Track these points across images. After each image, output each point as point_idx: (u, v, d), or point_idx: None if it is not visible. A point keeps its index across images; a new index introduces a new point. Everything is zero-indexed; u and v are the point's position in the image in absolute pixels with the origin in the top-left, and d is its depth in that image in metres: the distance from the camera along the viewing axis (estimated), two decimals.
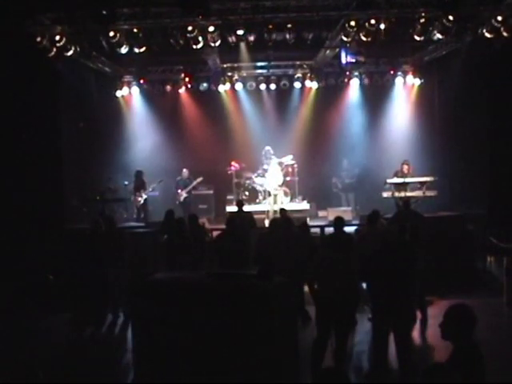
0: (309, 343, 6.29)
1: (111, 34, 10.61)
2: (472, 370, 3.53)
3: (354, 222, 12.34)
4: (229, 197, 14.47)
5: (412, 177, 12.46)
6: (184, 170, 14.22)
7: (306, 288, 7.28)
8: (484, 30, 10.77)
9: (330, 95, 15.33)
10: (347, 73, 14.44)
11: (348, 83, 14.87)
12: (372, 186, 13.58)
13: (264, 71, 15.14)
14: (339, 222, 8.40)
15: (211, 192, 14.84)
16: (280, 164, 14.01)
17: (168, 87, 15.12)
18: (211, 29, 10.66)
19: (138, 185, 13.43)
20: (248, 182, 14.42)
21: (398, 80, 14.82)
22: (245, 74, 15.21)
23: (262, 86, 15.29)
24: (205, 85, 15.05)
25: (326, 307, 6.12)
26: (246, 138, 15.13)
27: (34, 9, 10.28)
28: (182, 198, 13.90)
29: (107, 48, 11.24)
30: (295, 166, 14.38)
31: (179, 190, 13.95)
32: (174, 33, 10.93)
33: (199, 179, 14.11)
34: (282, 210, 10.51)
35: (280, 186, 13.66)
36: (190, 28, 10.58)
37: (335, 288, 6.01)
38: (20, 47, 10.41)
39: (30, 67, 10.69)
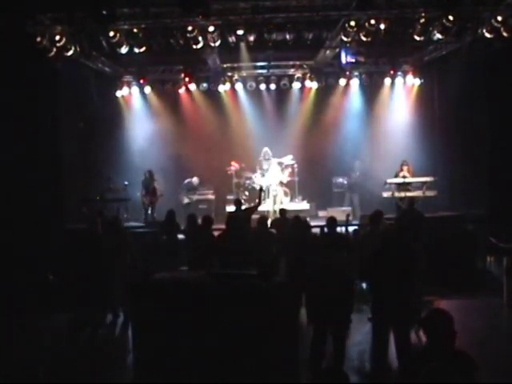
0: (309, 343, 6.29)
1: (111, 33, 10.61)
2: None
3: (353, 222, 12.34)
4: (229, 197, 14.47)
5: (413, 176, 12.47)
6: (195, 178, 14.42)
7: None
8: (484, 30, 10.78)
9: (330, 95, 15.33)
10: (347, 73, 14.44)
11: (348, 83, 14.86)
12: (372, 186, 13.58)
13: (264, 71, 15.13)
14: (331, 223, 8.41)
15: (211, 192, 14.84)
16: (280, 164, 14.02)
17: (168, 87, 15.13)
18: (211, 29, 10.66)
19: (146, 184, 13.42)
20: (248, 182, 14.43)
21: (398, 80, 14.81)
22: (245, 74, 15.21)
23: (262, 86, 15.28)
24: (205, 85, 15.05)
25: (322, 308, 6.12)
26: (246, 137, 15.12)
27: (34, 9, 10.28)
28: (184, 202, 13.94)
29: (107, 48, 11.25)
30: (295, 165, 14.41)
31: (182, 194, 14.02)
32: (174, 33, 10.94)
33: (209, 192, 14.38)
34: (282, 210, 10.52)
35: (281, 184, 13.68)
36: (190, 28, 10.58)
37: (331, 288, 6.01)
38: (20, 47, 10.41)
39: (30, 67, 10.69)
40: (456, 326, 3.70)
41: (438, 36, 10.96)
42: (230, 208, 13.34)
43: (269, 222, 9.68)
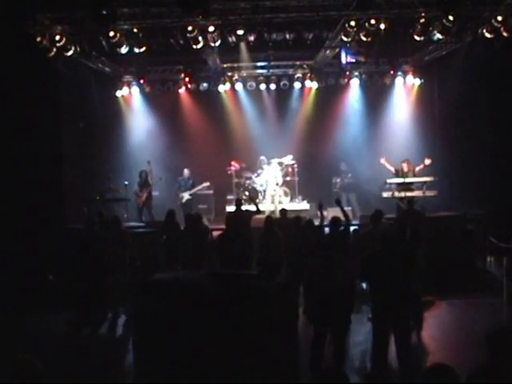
0: (309, 343, 6.29)
1: (111, 33, 10.60)
2: None
3: (353, 222, 12.32)
4: (229, 197, 14.48)
5: (414, 175, 12.46)
6: (185, 170, 14.26)
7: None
8: (484, 30, 10.78)
9: (330, 95, 15.33)
10: (347, 73, 14.44)
11: (348, 83, 14.86)
12: (372, 186, 13.58)
13: (264, 71, 15.13)
14: (335, 222, 8.41)
15: (211, 192, 14.84)
16: (280, 164, 14.04)
17: (168, 87, 15.14)
18: (211, 29, 10.66)
19: (141, 185, 13.39)
20: (248, 182, 14.44)
21: (398, 80, 14.80)
22: (245, 74, 15.21)
23: (262, 86, 15.28)
24: (205, 85, 15.05)
25: (322, 308, 6.12)
26: (246, 137, 15.14)
27: (34, 9, 10.28)
28: (184, 200, 13.92)
29: (107, 48, 11.24)
30: (295, 166, 14.42)
31: (179, 191, 13.99)
32: (174, 33, 10.94)
33: (206, 184, 14.18)
34: (282, 210, 10.53)
35: (279, 185, 13.70)
36: (190, 28, 10.58)
37: (332, 288, 6.01)
38: (20, 47, 10.41)
39: (30, 67, 10.69)
40: (456, 326, 3.70)
41: (438, 36, 10.96)
42: (230, 208, 13.35)
43: None
